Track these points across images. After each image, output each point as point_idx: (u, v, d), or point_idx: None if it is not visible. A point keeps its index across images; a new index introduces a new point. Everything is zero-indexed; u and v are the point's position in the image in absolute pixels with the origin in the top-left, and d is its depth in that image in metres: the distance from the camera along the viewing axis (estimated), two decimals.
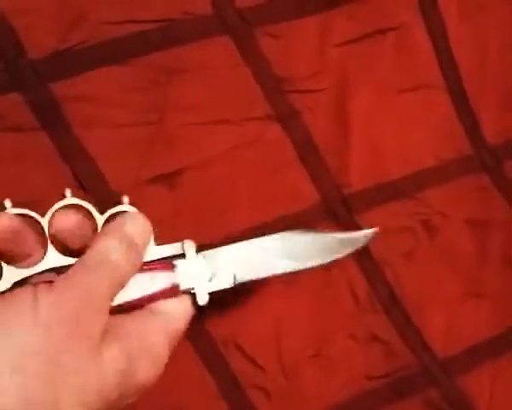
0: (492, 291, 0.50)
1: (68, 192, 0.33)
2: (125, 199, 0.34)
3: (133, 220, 0.33)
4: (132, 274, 0.31)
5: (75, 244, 0.33)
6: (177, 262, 0.34)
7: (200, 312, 0.35)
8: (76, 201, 0.33)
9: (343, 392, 0.45)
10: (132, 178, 0.41)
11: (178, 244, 0.35)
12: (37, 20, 0.39)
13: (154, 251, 0.34)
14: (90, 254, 0.30)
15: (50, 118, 0.40)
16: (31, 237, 0.33)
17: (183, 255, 0.35)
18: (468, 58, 0.50)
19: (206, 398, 0.41)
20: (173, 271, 0.34)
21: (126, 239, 0.32)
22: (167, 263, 0.34)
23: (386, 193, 0.48)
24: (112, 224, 0.33)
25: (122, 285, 0.31)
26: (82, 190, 0.40)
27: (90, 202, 0.34)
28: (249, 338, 0.42)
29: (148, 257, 0.34)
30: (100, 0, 0.41)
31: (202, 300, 0.34)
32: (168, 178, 0.42)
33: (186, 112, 0.43)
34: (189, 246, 0.35)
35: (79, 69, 0.41)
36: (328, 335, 0.45)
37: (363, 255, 0.46)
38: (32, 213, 0.33)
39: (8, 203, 0.32)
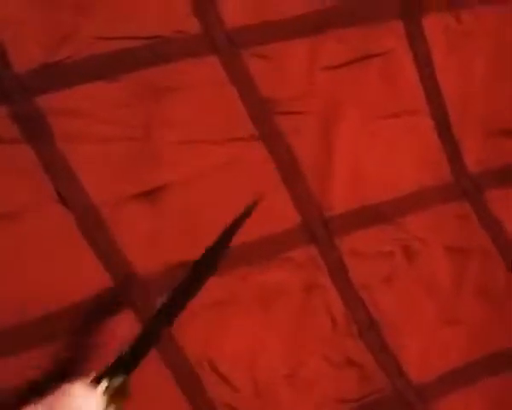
0: (467, 319, 0.50)
1: None
2: None
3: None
4: None
5: None
6: None
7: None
8: None
9: None
10: (115, 194, 0.41)
11: None
12: (25, 33, 0.39)
13: None
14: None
15: (34, 131, 0.40)
16: None
17: None
18: (452, 86, 0.51)
19: None
20: None
21: None
22: None
23: (367, 217, 0.48)
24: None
25: None
26: (63, 204, 0.40)
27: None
28: (224, 357, 0.43)
29: None
30: (90, 15, 0.41)
31: None
32: (150, 195, 0.42)
33: (171, 129, 0.43)
34: None
35: (66, 83, 0.41)
36: (303, 356, 0.45)
37: (342, 279, 0.47)
38: None
39: None
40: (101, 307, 0.40)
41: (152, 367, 0.40)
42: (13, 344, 0.38)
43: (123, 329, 0.40)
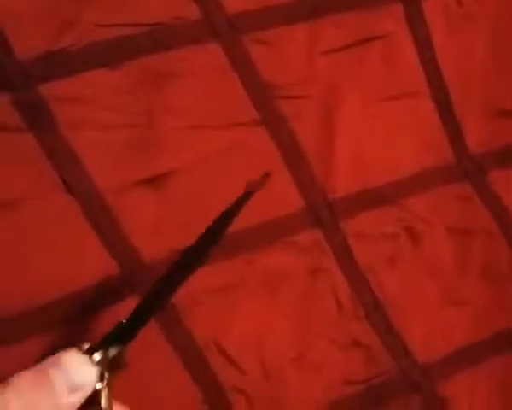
0: (472, 299, 0.50)
1: None
2: None
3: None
4: None
5: None
6: None
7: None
8: None
9: (323, 396, 0.45)
10: (119, 181, 0.41)
11: None
12: (27, 21, 0.40)
13: None
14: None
15: (37, 119, 0.40)
16: None
17: None
18: (453, 68, 0.51)
19: (187, 400, 0.42)
20: None
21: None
22: None
23: (370, 199, 0.49)
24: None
25: None
26: (67, 191, 0.40)
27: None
28: (231, 341, 0.43)
29: None
30: (92, 3, 0.41)
31: None
32: (154, 181, 0.42)
33: (174, 115, 0.43)
34: None
35: (69, 71, 0.41)
36: (311, 339, 0.46)
37: (347, 261, 0.47)
38: None
39: None
40: (107, 294, 0.41)
41: (159, 350, 0.41)
42: (16, 332, 0.38)
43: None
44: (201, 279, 0.42)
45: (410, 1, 0.50)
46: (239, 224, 0.44)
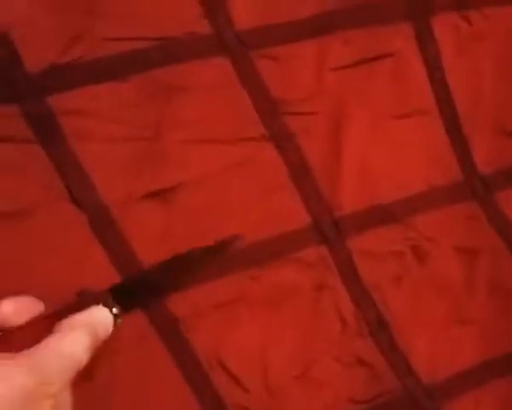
0: (478, 319, 0.50)
1: None
2: None
3: (103, 321, 0.35)
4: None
5: None
6: None
7: None
8: None
9: None
10: (125, 194, 0.42)
11: None
12: (37, 33, 0.40)
13: None
14: (56, 343, 0.32)
15: (45, 130, 0.40)
16: None
17: None
18: (462, 87, 0.51)
19: None
20: None
21: (95, 337, 0.33)
22: None
23: (377, 217, 0.48)
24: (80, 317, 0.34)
25: (73, 375, 0.32)
26: (74, 203, 0.40)
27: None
28: (234, 357, 0.43)
29: None
30: (101, 16, 0.42)
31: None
32: (161, 195, 0.43)
33: (181, 129, 0.44)
34: None
35: (77, 83, 0.41)
36: (314, 357, 0.45)
37: (352, 279, 0.47)
38: None
39: None
40: None
41: (161, 365, 0.40)
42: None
43: (133, 327, 0.40)
44: (205, 294, 0.43)
45: (420, 19, 0.50)
46: (245, 239, 0.45)
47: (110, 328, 0.35)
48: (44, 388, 0.29)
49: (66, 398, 0.31)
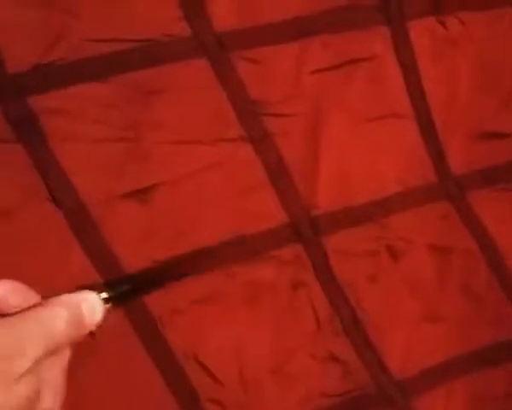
0: (450, 316, 0.51)
1: None
2: None
3: (89, 302, 0.33)
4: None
5: None
6: None
7: None
8: None
9: (300, 408, 0.46)
10: (105, 193, 0.42)
11: None
12: (18, 34, 0.40)
13: None
14: (40, 310, 0.30)
15: (26, 131, 0.41)
16: None
17: None
18: (437, 91, 0.52)
19: None
20: None
21: (77, 316, 0.32)
22: None
23: (353, 217, 0.49)
24: (72, 296, 0.33)
25: (52, 348, 0.30)
26: (54, 203, 0.41)
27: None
28: (210, 353, 0.44)
29: None
30: (82, 18, 0.42)
31: None
32: (140, 194, 0.43)
33: (161, 130, 0.44)
34: None
35: (58, 84, 0.42)
36: (290, 352, 0.47)
37: (327, 277, 0.48)
38: None
39: None
40: None
41: (137, 359, 0.41)
42: None
43: (111, 325, 0.41)
44: (182, 290, 0.44)
45: (396, 23, 0.51)
46: (222, 237, 0.45)
47: (98, 311, 0.33)
48: (21, 347, 0.28)
49: (54, 376, 0.30)
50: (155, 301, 0.43)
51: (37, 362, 0.29)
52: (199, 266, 0.45)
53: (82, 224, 0.41)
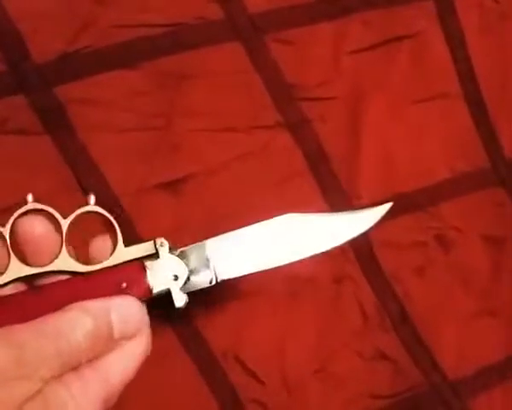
0: (507, 309, 0.48)
1: (30, 197, 0.30)
2: (92, 199, 0.31)
3: (122, 309, 0.28)
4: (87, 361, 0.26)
5: (41, 254, 0.29)
6: (150, 263, 0.31)
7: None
8: (38, 206, 0.30)
9: None
10: (136, 184, 0.41)
11: (150, 243, 0.32)
12: (44, 23, 0.39)
13: (124, 253, 0.31)
14: (55, 318, 0.26)
15: (54, 121, 0.39)
16: None
17: (156, 255, 0.31)
18: (487, 68, 0.49)
19: None
20: (145, 273, 0.30)
21: (103, 326, 0.27)
22: (138, 265, 0.31)
23: (399, 206, 0.46)
24: (100, 301, 0.28)
25: (70, 366, 0.25)
26: (85, 194, 0.39)
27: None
28: (251, 351, 0.41)
29: (116, 260, 0.31)
30: (109, 4, 0.41)
31: (179, 302, 0.31)
32: (173, 185, 0.41)
33: (193, 118, 0.42)
34: (162, 244, 0.31)
35: (86, 73, 0.40)
36: (334, 351, 0.44)
37: (373, 270, 0.45)
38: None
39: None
40: None
41: (177, 360, 0.39)
42: None
43: None
44: (220, 288, 0.41)
45: None
46: None
47: (134, 320, 0.28)
48: (24, 369, 0.24)
49: (62, 398, 0.25)
50: (192, 298, 0.41)
51: (48, 383, 0.24)
52: None
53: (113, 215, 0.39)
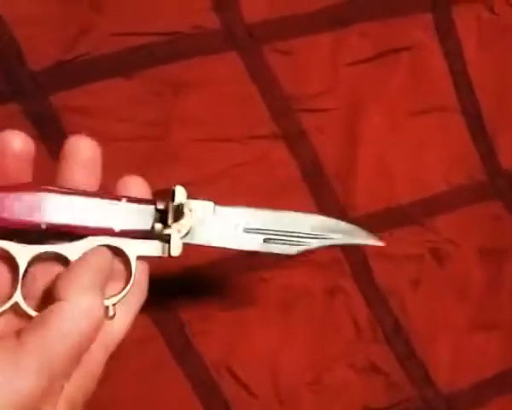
0: (503, 323, 0.48)
1: None
2: None
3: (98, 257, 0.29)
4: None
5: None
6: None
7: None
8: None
9: None
10: None
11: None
12: (40, 30, 0.39)
13: None
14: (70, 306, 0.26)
15: (48, 129, 0.39)
16: None
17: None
18: (485, 82, 0.49)
19: None
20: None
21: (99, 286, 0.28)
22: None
23: (394, 218, 0.46)
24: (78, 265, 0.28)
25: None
26: None
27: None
28: (243, 363, 0.41)
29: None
30: (106, 12, 0.41)
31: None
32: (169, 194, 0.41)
33: (190, 127, 0.42)
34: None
35: (82, 81, 0.40)
36: (328, 363, 0.44)
37: (367, 282, 0.45)
38: None
39: None
40: None
41: (169, 373, 0.39)
42: None
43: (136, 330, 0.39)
44: (212, 298, 0.41)
45: (440, 9, 0.47)
46: None
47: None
48: (52, 390, 0.24)
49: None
50: (184, 308, 0.41)
51: (35, 396, 0.24)
52: (230, 271, 0.42)
53: None
